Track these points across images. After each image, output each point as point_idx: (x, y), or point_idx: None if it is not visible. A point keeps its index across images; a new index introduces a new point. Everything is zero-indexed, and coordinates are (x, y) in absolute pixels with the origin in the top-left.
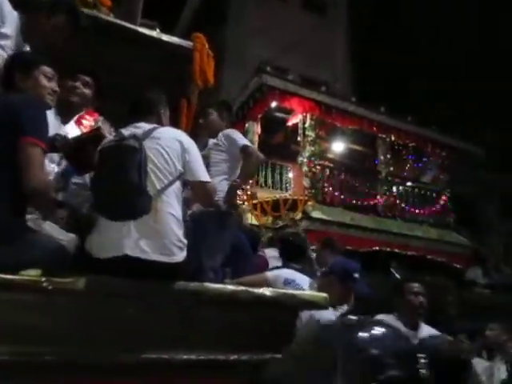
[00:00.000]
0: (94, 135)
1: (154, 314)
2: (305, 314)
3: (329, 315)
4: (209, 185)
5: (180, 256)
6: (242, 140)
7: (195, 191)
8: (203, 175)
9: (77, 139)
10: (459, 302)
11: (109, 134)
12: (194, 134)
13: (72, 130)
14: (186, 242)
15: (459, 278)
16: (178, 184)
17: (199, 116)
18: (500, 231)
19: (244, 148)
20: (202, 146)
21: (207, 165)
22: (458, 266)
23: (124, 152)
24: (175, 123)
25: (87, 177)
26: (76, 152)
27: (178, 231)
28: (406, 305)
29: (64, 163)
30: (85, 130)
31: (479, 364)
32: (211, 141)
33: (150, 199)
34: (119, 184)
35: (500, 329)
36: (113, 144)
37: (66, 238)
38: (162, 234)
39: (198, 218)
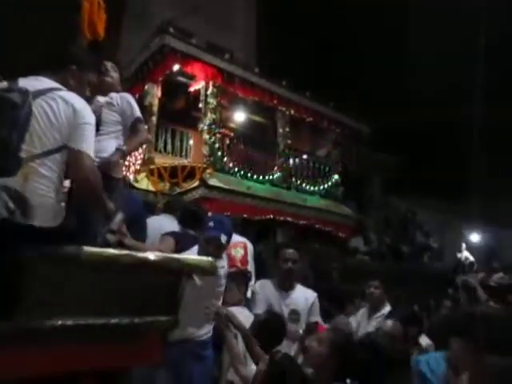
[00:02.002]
0: None
1: (27, 279)
2: None
3: None
4: (89, 159)
5: (54, 221)
6: (138, 112)
7: (71, 160)
8: (86, 147)
9: None
10: (343, 267)
11: None
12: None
13: None
14: (62, 206)
15: (343, 246)
16: (62, 152)
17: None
18: (381, 205)
19: (137, 121)
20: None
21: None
22: (343, 235)
23: (4, 106)
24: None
25: None
26: None
27: (54, 196)
28: (279, 269)
29: None
30: None
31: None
32: (101, 98)
33: (19, 162)
34: None
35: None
36: None
37: None
38: (34, 198)
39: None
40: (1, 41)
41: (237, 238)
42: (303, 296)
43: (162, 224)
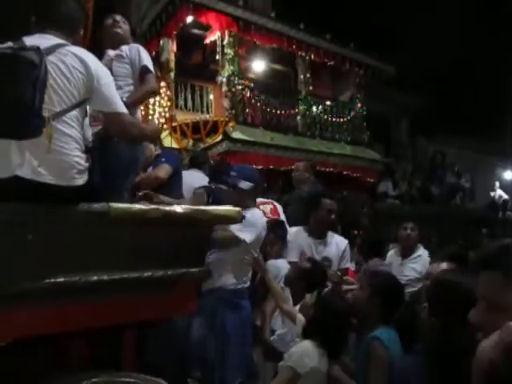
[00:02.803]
0: None
1: (58, 238)
2: None
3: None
4: (126, 116)
5: (80, 179)
6: (145, 61)
7: (110, 123)
8: (119, 106)
9: None
10: (372, 213)
11: None
12: (92, 46)
13: None
14: (87, 165)
15: (372, 192)
16: (81, 109)
17: (101, 23)
18: (409, 147)
19: (144, 69)
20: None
21: None
22: (371, 180)
23: (20, 64)
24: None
25: None
26: None
27: (78, 154)
28: (320, 218)
29: None
30: None
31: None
32: (111, 51)
33: (43, 120)
34: (8, 99)
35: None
36: (8, 52)
37: None
38: (59, 157)
39: (105, 139)
40: None
41: (262, 200)
42: (335, 243)
43: (193, 178)
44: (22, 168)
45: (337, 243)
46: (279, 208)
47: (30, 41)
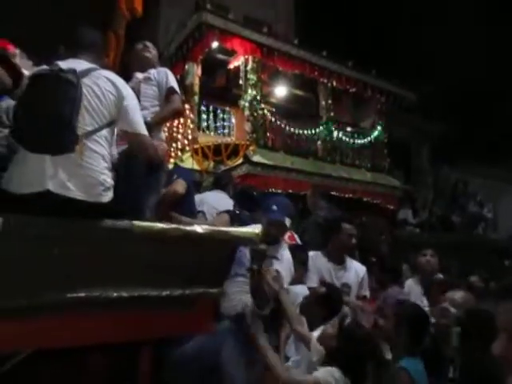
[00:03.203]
0: None
1: (82, 253)
2: None
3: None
4: (145, 138)
5: (106, 197)
6: (172, 82)
7: (131, 143)
8: (141, 128)
9: None
10: (391, 240)
11: (28, 68)
12: (121, 69)
13: None
14: (112, 183)
15: (392, 219)
16: (110, 128)
17: (131, 48)
18: (430, 175)
19: (170, 90)
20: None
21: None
22: (391, 207)
23: (61, 83)
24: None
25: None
26: None
27: (105, 172)
28: (340, 243)
29: None
30: None
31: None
32: (139, 74)
33: (78, 137)
34: (49, 115)
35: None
36: (49, 73)
37: None
38: (88, 174)
39: (130, 158)
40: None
41: None
42: (354, 269)
43: (216, 199)
44: (53, 182)
45: (356, 269)
46: (295, 235)
47: (64, 64)
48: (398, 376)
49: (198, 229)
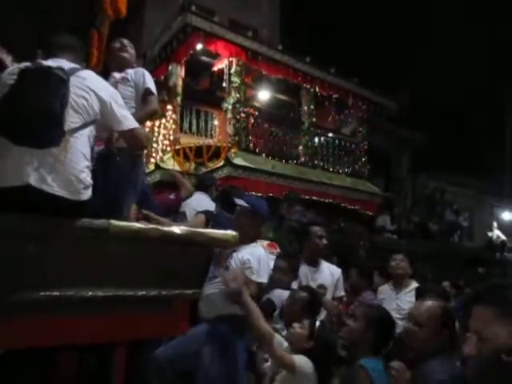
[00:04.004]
0: None
1: (57, 251)
2: None
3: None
4: (139, 130)
5: (85, 195)
6: (149, 83)
7: (126, 139)
8: (132, 122)
9: None
10: (369, 245)
11: (8, 63)
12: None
13: None
14: (91, 182)
15: (370, 225)
16: (92, 127)
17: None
18: (409, 183)
19: (147, 91)
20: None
21: None
22: (370, 213)
23: (51, 79)
24: (85, 56)
25: None
26: None
27: (85, 170)
28: (311, 245)
29: None
30: None
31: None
32: (116, 74)
33: (64, 133)
34: (39, 109)
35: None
36: (39, 68)
37: None
38: (69, 171)
39: (108, 157)
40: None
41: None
42: (329, 271)
43: (199, 201)
44: (34, 177)
45: (331, 271)
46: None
47: (49, 62)
48: (357, 374)
49: (176, 230)
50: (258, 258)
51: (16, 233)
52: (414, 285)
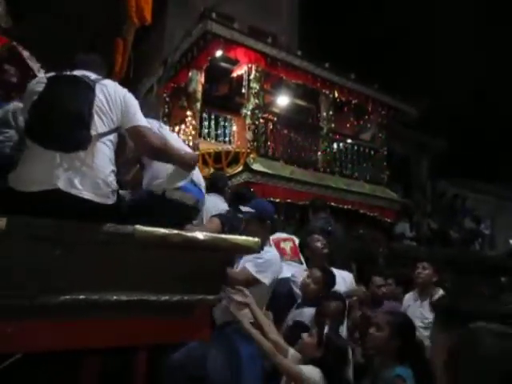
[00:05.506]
0: (8, 50)
1: (83, 255)
2: None
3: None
4: (144, 127)
5: (112, 199)
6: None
7: (132, 138)
8: (138, 119)
9: None
10: (388, 253)
11: (37, 71)
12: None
13: None
14: (117, 186)
15: (389, 232)
16: (115, 134)
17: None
18: (429, 189)
19: None
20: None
21: None
22: (389, 220)
23: (80, 85)
24: (110, 64)
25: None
26: None
27: (112, 175)
28: (313, 251)
29: None
30: None
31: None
32: None
33: (91, 138)
34: (69, 113)
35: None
36: (68, 75)
37: None
38: (97, 175)
39: None
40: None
41: (283, 235)
42: (341, 276)
43: (211, 203)
44: (63, 181)
45: (342, 276)
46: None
47: (75, 72)
48: None
49: (199, 235)
50: (266, 257)
51: (45, 237)
52: (440, 293)
